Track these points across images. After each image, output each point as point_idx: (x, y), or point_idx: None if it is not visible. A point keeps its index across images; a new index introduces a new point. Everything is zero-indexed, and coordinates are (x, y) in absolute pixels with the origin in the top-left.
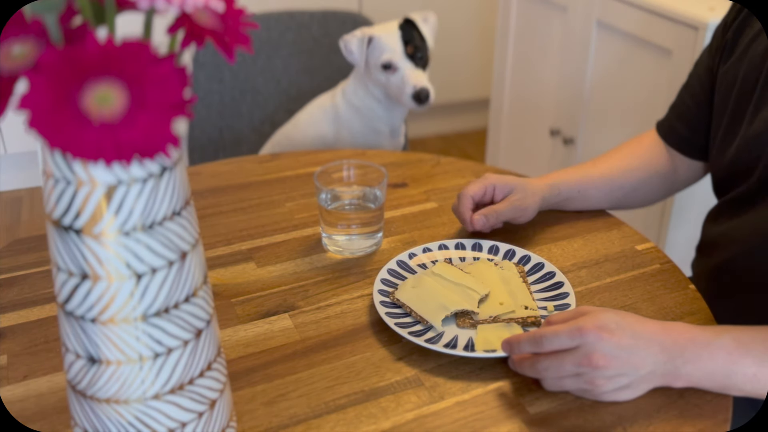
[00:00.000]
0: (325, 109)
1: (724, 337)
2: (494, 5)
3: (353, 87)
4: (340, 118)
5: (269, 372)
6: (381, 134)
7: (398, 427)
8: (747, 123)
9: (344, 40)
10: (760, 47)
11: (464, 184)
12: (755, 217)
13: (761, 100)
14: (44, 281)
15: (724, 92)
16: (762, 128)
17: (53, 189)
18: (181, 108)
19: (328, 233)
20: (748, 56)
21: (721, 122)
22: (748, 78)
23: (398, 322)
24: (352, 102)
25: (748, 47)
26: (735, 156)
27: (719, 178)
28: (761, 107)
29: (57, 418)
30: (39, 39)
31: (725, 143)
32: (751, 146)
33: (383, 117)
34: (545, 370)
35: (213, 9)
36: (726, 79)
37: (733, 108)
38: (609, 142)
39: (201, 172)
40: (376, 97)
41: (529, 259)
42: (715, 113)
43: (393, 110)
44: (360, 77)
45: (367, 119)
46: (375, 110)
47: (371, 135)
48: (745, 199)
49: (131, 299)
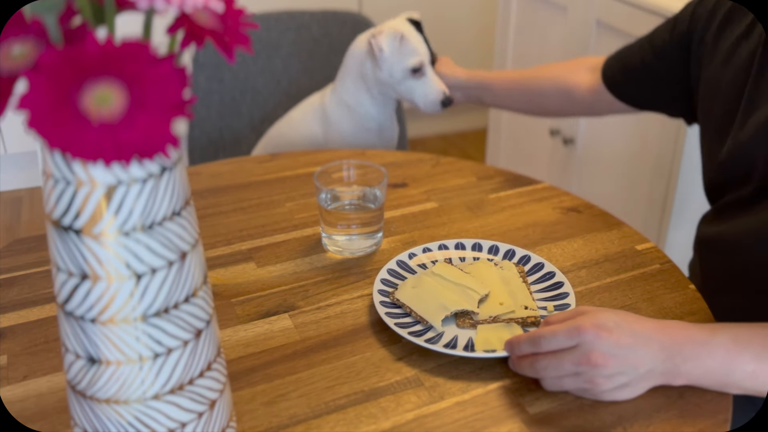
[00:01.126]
0: (314, 109)
1: (722, 334)
2: (494, 5)
3: (346, 85)
4: (328, 118)
5: (269, 372)
6: (370, 132)
7: (398, 427)
8: (738, 127)
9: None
10: (743, 54)
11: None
12: (754, 220)
13: (751, 104)
14: (44, 281)
15: (711, 96)
16: (754, 132)
17: (53, 189)
18: (180, 108)
19: (328, 233)
20: (732, 61)
21: (708, 126)
22: (735, 82)
23: (398, 322)
24: (344, 100)
25: (732, 52)
26: (728, 158)
27: (712, 180)
28: (752, 111)
29: (57, 418)
30: (39, 39)
31: (716, 146)
32: (744, 149)
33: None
34: (544, 370)
35: (213, 9)
36: (711, 84)
37: (721, 113)
38: (609, 141)
39: (201, 172)
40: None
41: (529, 259)
42: (702, 117)
43: (385, 107)
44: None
45: (358, 117)
46: (367, 108)
47: (361, 133)
48: (744, 201)
49: (131, 299)
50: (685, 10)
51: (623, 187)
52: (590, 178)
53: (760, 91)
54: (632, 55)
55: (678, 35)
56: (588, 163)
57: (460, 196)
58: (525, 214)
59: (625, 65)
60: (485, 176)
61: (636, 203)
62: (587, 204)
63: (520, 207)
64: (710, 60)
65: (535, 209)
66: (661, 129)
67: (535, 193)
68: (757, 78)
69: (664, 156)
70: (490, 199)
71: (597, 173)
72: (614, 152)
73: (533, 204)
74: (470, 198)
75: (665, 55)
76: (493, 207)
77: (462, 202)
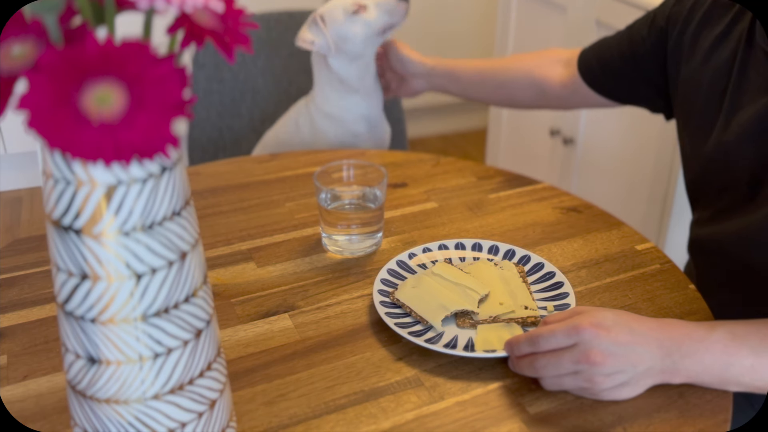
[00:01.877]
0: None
1: (719, 330)
2: (494, 6)
3: (322, 94)
4: (315, 127)
5: (269, 372)
6: (359, 137)
7: (398, 427)
8: (721, 127)
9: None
10: (724, 53)
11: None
12: (745, 220)
13: (734, 104)
14: (44, 281)
15: (690, 95)
16: (739, 131)
17: (53, 189)
18: (180, 108)
19: (328, 233)
20: (711, 62)
21: (689, 123)
22: (716, 82)
23: (398, 322)
24: (324, 110)
25: (710, 53)
26: (712, 159)
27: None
28: (735, 111)
29: (57, 418)
30: (39, 39)
31: (697, 144)
32: (729, 149)
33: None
34: (543, 369)
35: (213, 9)
36: (690, 83)
37: (702, 112)
38: (609, 141)
39: (201, 172)
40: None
41: (529, 259)
42: (682, 115)
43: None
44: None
45: (345, 124)
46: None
47: (348, 139)
48: (735, 202)
49: (131, 299)
50: (663, 6)
51: (623, 187)
52: (590, 178)
53: (743, 90)
54: (610, 48)
55: (655, 31)
56: (588, 163)
57: (460, 196)
58: (525, 214)
59: (602, 58)
60: (485, 176)
61: (636, 203)
62: (587, 204)
63: (520, 207)
64: (689, 58)
65: (535, 209)
66: (661, 129)
67: (535, 193)
68: (739, 77)
69: (664, 156)
70: (490, 199)
71: (597, 173)
72: (614, 152)
73: (533, 204)
74: (470, 198)
75: (642, 50)
76: (493, 207)
77: (462, 202)
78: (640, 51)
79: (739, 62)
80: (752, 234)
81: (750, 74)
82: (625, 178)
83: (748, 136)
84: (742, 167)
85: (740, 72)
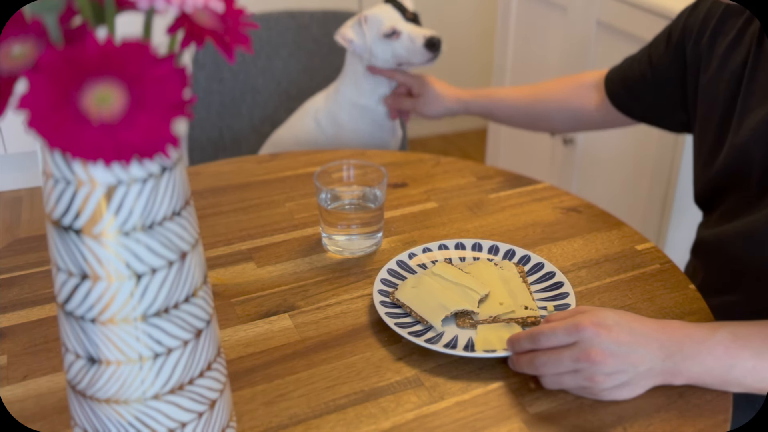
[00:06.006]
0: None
1: (721, 331)
2: (494, 5)
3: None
4: (338, 120)
5: (269, 372)
6: (384, 129)
7: (398, 427)
8: (733, 132)
9: (339, 33)
10: (737, 59)
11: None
12: (753, 219)
13: (745, 109)
14: (44, 281)
15: (709, 104)
16: (750, 133)
17: (53, 189)
18: (180, 108)
19: (328, 233)
20: (727, 67)
21: (706, 135)
22: (730, 88)
23: (398, 322)
24: (354, 100)
25: (725, 59)
26: (723, 165)
27: (705, 190)
28: (746, 114)
29: (57, 418)
30: (39, 39)
31: (713, 155)
32: (739, 154)
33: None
34: (543, 366)
35: (213, 9)
36: (708, 91)
37: (718, 121)
38: (609, 142)
39: (201, 172)
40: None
41: (529, 259)
42: (700, 126)
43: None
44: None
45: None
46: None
47: (376, 131)
48: (744, 203)
49: (131, 299)
50: (677, 20)
51: (623, 187)
52: (590, 178)
53: (753, 93)
54: (633, 68)
55: (673, 46)
56: (588, 163)
57: (460, 196)
58: (525, 214)
59: (626, 78)
60: (485, 176)
61: (636, 203)
62: (587, 204)
63: (520, 207)
64: (707, 67)
65: (535, 209)
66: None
67: (535, 193)
68: (749, 81)
69: (664, 156)
70: (490, 199)
71: (597, 173)
72: (614, 152)
73: (533, 204)
74: (470, 198)
75: (662, 67)
76: (493, 207)
77: (462, 202)
78: (658, 68)
79: (750, 66)
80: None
81: (760, 77)
82: (625, 178)
83: (758, 138)
84: (753, 168)
85: (751, 75)
